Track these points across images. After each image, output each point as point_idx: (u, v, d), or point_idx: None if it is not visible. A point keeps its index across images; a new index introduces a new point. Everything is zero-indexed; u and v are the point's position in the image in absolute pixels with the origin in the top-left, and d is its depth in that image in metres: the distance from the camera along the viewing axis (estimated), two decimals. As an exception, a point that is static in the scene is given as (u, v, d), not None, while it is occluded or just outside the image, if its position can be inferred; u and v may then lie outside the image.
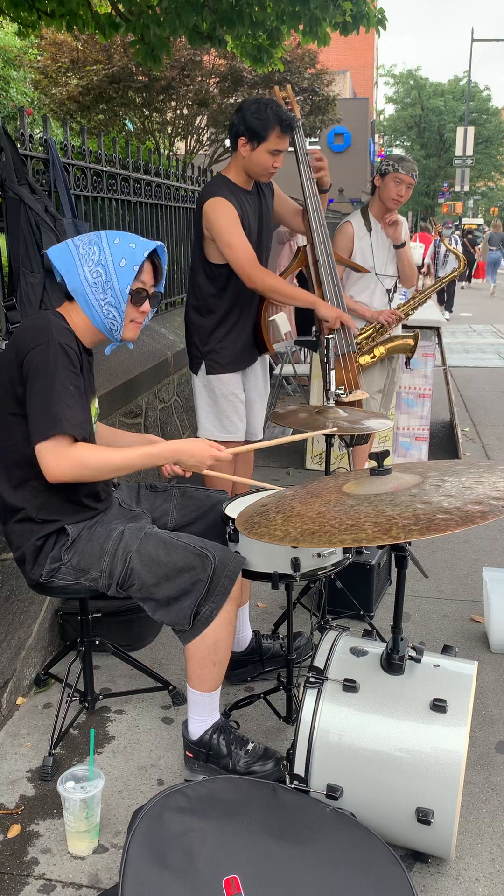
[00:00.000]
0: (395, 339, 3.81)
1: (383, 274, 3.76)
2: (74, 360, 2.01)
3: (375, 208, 3.72)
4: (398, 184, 3.57)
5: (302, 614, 3.12)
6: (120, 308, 2.07)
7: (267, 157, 2.94)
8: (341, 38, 5.21)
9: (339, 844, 1.76)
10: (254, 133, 2.89)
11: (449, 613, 3.17)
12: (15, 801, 2.16)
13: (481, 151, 39.44)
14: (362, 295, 3.78)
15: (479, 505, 1.54)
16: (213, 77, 11.61)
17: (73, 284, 2.05)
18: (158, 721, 2.50)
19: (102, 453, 2.01)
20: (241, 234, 2.93)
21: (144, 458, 2.07)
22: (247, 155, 2.95)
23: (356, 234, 3.73)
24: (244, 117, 2.89)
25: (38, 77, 11.65)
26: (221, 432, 3.20)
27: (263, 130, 2.88)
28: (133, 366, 3.98)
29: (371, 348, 3.77)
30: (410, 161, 3.58)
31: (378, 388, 3.89)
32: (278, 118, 2.88)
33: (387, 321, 3.71)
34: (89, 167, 3.77)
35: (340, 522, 1.61)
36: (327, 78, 13.40)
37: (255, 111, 2.88)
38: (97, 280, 2.04)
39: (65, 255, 2.04)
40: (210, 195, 2.94)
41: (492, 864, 1.94)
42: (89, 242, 2.05)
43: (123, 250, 2.04)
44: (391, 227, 3.66)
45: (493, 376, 8.50)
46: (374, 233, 3.72)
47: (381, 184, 3.64)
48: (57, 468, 1.96)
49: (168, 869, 1.65)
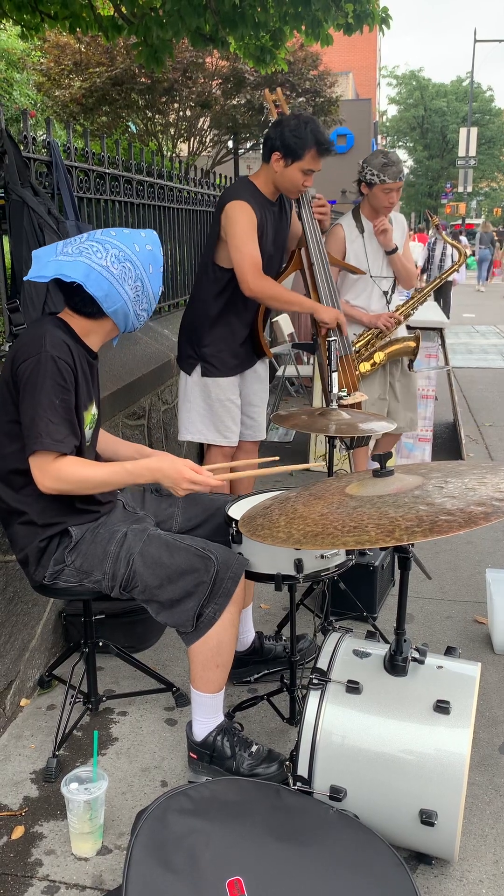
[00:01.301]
0: (396, 342, 3.71)
1: (379, 276, 3.68)
2: (66, 373, 2.01)
3: (367, 210, 3.64)
4: (388, 193, 3.49)
5: (305, 616, 3.12)
6: (150, 310, 2.14)
7: (299, 176, 2.93)
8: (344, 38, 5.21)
9: (343, 846, 1.76)
10: (289, 150, 2.88)
11: (452, 615, 3.17)
12: (19, 802, 2.16)
13: (484, 152, 39.43)
14: (359, 298, 3.71)
15: (483, 506, 1.54)
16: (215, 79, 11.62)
17: (115, 306, 2.05)
18: (162, 722, 2.50)
19: (82, 470, 2.01)
20: (254, 241, 2.92)
21: (123, 476, 2.05)
22: (279, 170, 2.94)
23: (348, 237, 3.65)
24: (282, 133, 2.87)
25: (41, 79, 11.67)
26: (217, 436, 3.19)
27: (300, 149, 2.87)
28: (136, 367, 3.98)
29: (371, 354, 3.68)
30: (394, 163, 3.45)
31: (379, 394, 3.79)
32: (316, 139, 2.86)
33: (385, 325, 3.62)
34: (92, 169, 3.78)
35: (343, 524, 1.61)
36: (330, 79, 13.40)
37: (294, 128, 2.85)
38: (137, 295, 2.08)
39: (99, 281, 2.00)
40: (234, 197, 2.94)
41: (496, 865, 1.93)
42: (118, 260, 2.02)
43: (147, 256, 2.08)
44: (380, 235, 3.58)
45: (496, 377, 8.49)
46: (367, 234, 3.64)
47: (368, 193, 3.55)
48: (41, 483, 2.01)
49: (172, 870, 1.65)
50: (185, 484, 2.04)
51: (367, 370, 3.70)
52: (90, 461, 2.08)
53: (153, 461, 2.07)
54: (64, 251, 2.05)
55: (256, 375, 3.35)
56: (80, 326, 2.12)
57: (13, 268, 2.90)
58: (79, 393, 2.08)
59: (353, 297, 3.72)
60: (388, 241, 3.62)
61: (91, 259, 2.01)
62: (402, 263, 3.68)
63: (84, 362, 2.12)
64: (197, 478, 2.03)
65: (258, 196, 2.98)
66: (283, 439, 5.82)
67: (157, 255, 2.10)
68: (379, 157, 3.49)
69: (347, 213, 3.77)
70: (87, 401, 2.15)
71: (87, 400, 2.14)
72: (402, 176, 3.49)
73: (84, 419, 2.14)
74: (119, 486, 2.08)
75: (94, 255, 2.01)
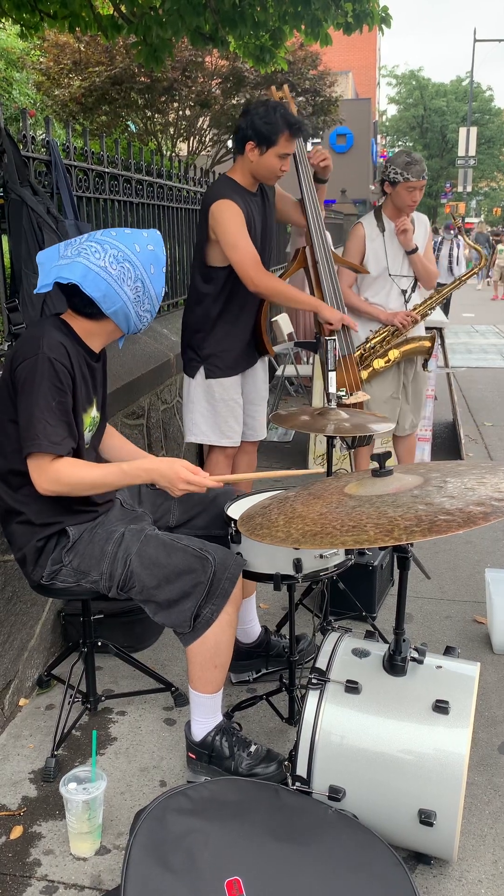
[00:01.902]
0: (411, 341, 3.72)
1: (398, 275, 3.70)
2: (63, 374, 2.00)
3: (389, 209, 3.67)
4: (411, 191, 3.53)
5: (304, 615, 3.12)
6: (154, 311, 2.12)
7: (276, 161, 2.93)
8: (343, 38, 5.21)
9: (342, 846, 1.75)
10: (262, 137, 2.88)
11: (451, 614, 3.16)
12: (17, 802, 2.16)
13: (484, 152, 39.43)
14: (377, 296, 3.72)
15: (482, 506, 1.54)
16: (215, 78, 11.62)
17: (114, 307, 2.04)
18: (161, 722, 2.50)
19: (79, 472, 2.02)
20: (247, 237, 2.92)
21: (119, 476, 2.05)
22: (255, 159, 2.94)
23: (368, 236, 3.68)
24: (252, 121, 2.87)
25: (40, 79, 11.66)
26: (220, 437, 3.19)
27: (273, 135, 2.87)
28: (135, 367, 3.98)
29: (386, 351, 3.70)
30: (417, 162, 3.51)
31: (391, 393, 3.80)
32: (287, 122, 2.86)
33: (402, 323, 3.64)
34: (91, 168, 3.77)
35: (342, 524, 1.61)
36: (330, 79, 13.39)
37: (264, 115, 2.85)
38: (138, 296, 2.06)
39: (96, 281, 1.99)
40: (217, 197, 2.93)
41: (494, 865, 1.93)
42: (117, 260, 2.00)
43: (148, 256, 2.06)
44: (401, 235, 3.61)
45: (495, 377, 8.49)
46: (387, 233, 3.66)
47: (391, 191, 3.58)
48: (39, 484, 2.01)
49: (170, 870, 1.65)
50: (182, 485, 2.03)
51: (381, 366, 3.72)
52: (87, 462, 2.07)
53: (149, 462, 2.07)
54: (64, 254, 2.04)
55: (256, 374, 3.35)
56: (81, 327, 2.12)
57: (12, 267, 2.89)
58: (77, 395, 2.07)
59: (371, 294, 3.74)
60: (408, 241, 3.64)
61: (89, 259, 1.99)
62: (423, 263, 3.69)
63: (84, 364, 2.11)
64: (193, 478, 2.03)
65: (239, 190, 2.99)
66: (282, 439, 5.81)
67: (160, 255, 2.08)
68: (403, 156, 3.54)
69: (369, 213, 3.80)
70: (87, 403, 2.15)
71: (85, 402, 2.14)
72: (424, 175, 3.53)
73: (83, 421, 2.13)
74: (115, 486, 2.08)
75: (91, 256, 2.00)
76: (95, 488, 2.05)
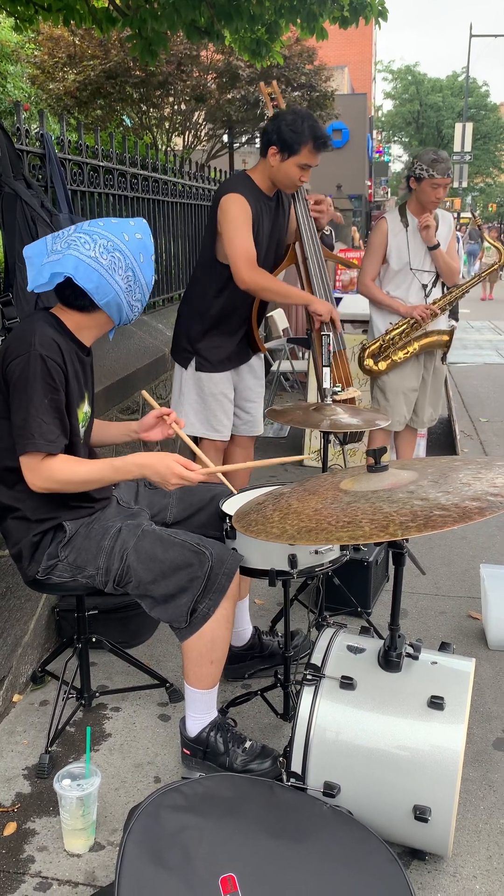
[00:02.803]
0: (430, 334, 3.77)
1: (420, 269, 3.74)
2: (55, 371, 1.99)
3: (414, 205, 3.72)
4: (435, 188, 3.58)
5: (299, 611, 3.12)
6: (144, 301, 2.11)
7: (295, 171, 2.92)
8: (340, 33, 5.18)
9: (337, 842, 1.75)
10: (286, 145, 2.87)
11: (446, 610, 3.16)
12: (11, 798, 2.16)
13: (480, 147, 39.36)
14: (398, 290, 3.77)
15: (477, 501, 1.54)
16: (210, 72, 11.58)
17: (107, 297, 2.02)
18: (155, 718, 2.49)
19: (72, 469, 2.01)
20: (248, 234, 2.91)
21: (111, 472, 2.04)
22: (275, 165, 2.93)
23: (391, 231, 3.73)
24: (279, 127, 2.86)
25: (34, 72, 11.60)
26: (209, 430, 3.19)
27: (297, 144, 2.86)
28: (129, 362, 3.96)
29: (405, 344, 3.74)
30: (443, 160, 3.55)
31: (411, 385, 3.85)
32: (313, 134, 2.86)
33: (421, 316, 3.69)
34: (86, 162, 3.76)
35: (337, 519, 1.60)
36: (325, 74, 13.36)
37: (291, 123, 2.84)
38: (129, 285, 2.04)
39: (88, 272, 1.97)
40: (230, 190, 2.92)
41: (489, 860, 1.93)
42: (107, 250, 1.99)
43: (137, 245, 2.04)
44: (423, 231, 3.66)
45: (490, 373, 8.50)
46: (410, 229, 3.72)
47: (416, 187, 3.63)
48: (32, 483, 2.01)
49: (164, 867, 1.64)
50: (174, 479, 2.01)
51: (400, 358, 3.77)
52: (79, 459, 2.06)
53: (141, 457, 2.05)
54: (53, 248, 2.03)
55: (252, 370, 3.34)
56: (72, 321, 2.11)
57: (6, 261, 2.88)
58: (69, 391, 2.06)
59: (392, 288, 3.79)
60: (430, 238, 3.68)
61: (79, 251, 1.98)
62: (445, 260, 3.74)
63: (75, 359, 2.10)
64: (186, 473, 2.01)
65: (254, 190, 2.97)
66: (277, 434, 5.81)
67: (148, 243, 2.07)
68: (429, 153, 3.60)
69: (394, 208, 3.86)
70: (79, 399, 2.14)
71: (78, 398, 2.13)
72: (450, 173, 3.58)
73: (77, 417, 2.12)
74: (108, 482, 2.07)
75: (82, 247, 1.98)
76: (88, 485, 2.05)
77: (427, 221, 3.63)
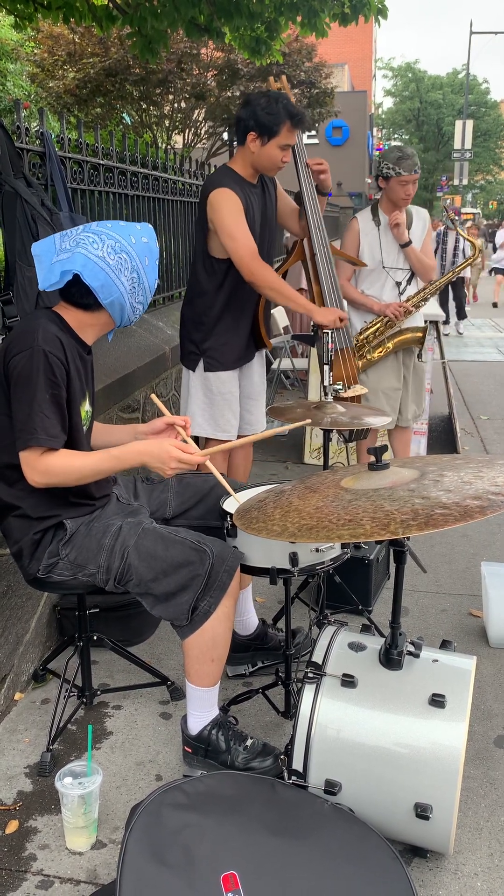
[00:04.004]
0: (404, 332, 3.77)
1: (393, 267, 3.74)
2: (57, 368, 2.00)
3: (385, 204, 3.72)
4: (404, 185, 3.57)
5: (300, 609, 3.12)
6: (146, 304, 2.13)
7: (277, 152, 2.92)
8: (340, 30, 5.18)
9: (338, 840, 1.75)
10: (264, 128, 2.86)
11: (447, 608, 3.17)
12: (13, 796, 2.16)
13: (480, 145, 39.30)
14: (372, 289, 3.77)
15: (478, 500, 1.54)
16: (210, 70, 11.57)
17: (111, 297, 2.04)
18: (157, 716, 2.50)
19: (70, 461, 2.01)
20: (245, 227, 2.91)
21: (110, 462, 2.04)
22: (256, 150, 2.92)
23: (362, 230, 3.73)
24: (254, 112, 2.86)
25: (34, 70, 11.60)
26: (216, 430, 3.18)
27: (274, 125, 2.86)
28: (130, 360, 3.96)
29: (380, 342, 3.74)
30: (409, 157, 3.54)
31: (391, 384, 3.84)
32: (289, 113, 2.86)
33: (394, 314, 3.69)
34: (86, 160, 3.75)
35: (338, 517, 1.60)
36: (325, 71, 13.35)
37: (266, 106, 2.84)
38: (133, 286, 2.06)
39: (95, 271, 1.99)
40: (215, 185, 2.92)
41: (490, 858, 1.93)
42: (115, 251, 2.01)
43: (143, 248, 2.07)
44: (394, 228, 3.66)
45: (491, 370, 8.50)
46: (382, 227, 3.72)
47: (385, 186, 3.63)
48: (31, 478, 2.01)
49: (166, 865, 1.64)
50: (173, 463, 2.02)
51: (375, 357, 3.76)
52: (77, 452, 2.07)
53: (139, 444, 2.06)
54: (62, 246, 2.04)
55: (253, 369, 3.34)
56: (75, 319, 2.11)
57: (6, 259, 2.88)
58: (71, 389, 2.06)
59: (366, 286, 3.79)
60: (401, 235, 3.68)
61: (87, 249, 1.99)
62: (418, 257, 3.73)
63: (77, 357, 2.11)
64: (184, 456, 2.02)
65: (239, 181, 2.97)
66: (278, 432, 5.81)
67: (153, 247, 2.09)
68: (395, 151, 3.59)
69: (366, 208, 3.85)
70: (81, 397, 2.14)
71: (80, 395, 2.13)
72: (417, 169, 3.58)
73: (80, 415, 2.12)
74: (109, 472, 2.07)
75: (90, 246, 2.00)
76: (88, 477, 2.05)
77: (396, 219, 3.63)
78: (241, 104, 2.96)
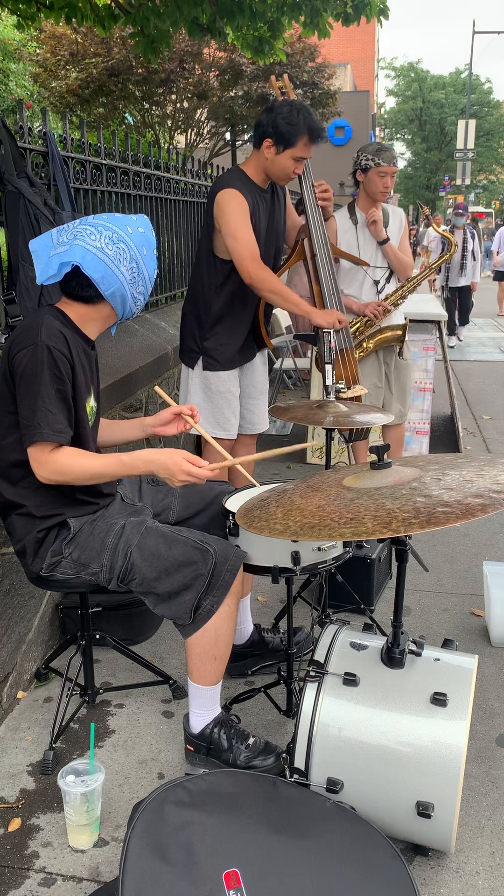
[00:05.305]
0: (384, 330, 3.77)
1: (371, 265, 3.73)
2: (62, 363, 2.00)
3: (363, 200, 3.71)
4: (382, 176, 3.57)
5: (302, 608, 3.12)
6: (147, 294, 2.13)
7: (290, 163, 2.92)
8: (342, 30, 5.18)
9: (340, 838, 1.76)
10: (282, 137, 2.87)
11: (449, 607, 3.17)
12: (16, 794, 2.16)
13: (482, 144, 39.26)
14: (350, 287, 3.76)
15: (480, 498, 1.54)
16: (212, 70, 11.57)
17: (112, 288, 2.04)
18: (159, 715, 2.50)
19: (80, 461, 2.01)
20: (249, 229, 2.91)
21: (119, 467, 2.04)
22: (270, 157, 2.93)
23: (340, 229, 3.71)
24: (274, 120, 2.86)
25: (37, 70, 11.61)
26: (216, 430, 3.18)
27: (292, 136, 2.86)
28: (132, 360, 3.97)
29: (360, 342, 3.74)
30: (387, 149, 3.55)
31: (374, 382, 3.83)
32: (309, 127, 2.86)
33: (373, 313, 3.68)
34: (89, 160, 3.76)
35: (340, 516, 1.60)
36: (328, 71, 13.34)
37: (287, 115, 2.84)
38: (133, 276, 2.06)
39: (95, 262, 1.99)
40: (224, 185, 2.92)
41: (492, 857, 1.94)
42: (112, 241, 2.01)
43: (140, 238, 2.07)
44: (370, 226, 3.65)
45: (493, 370, 8.49)
46: (360, 225, 3.71)
47: (364, 179, 3.62)
48: (39, 474, 2.01)
49: (168, 862, 1.65)
50: (182, 476, 2.01)
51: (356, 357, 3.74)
52: (87, 452, 2.07)
53: (149, 453, 2.05)
54: (59, 240, 2.04)
55: (255, 368, 3.34)
56: (77, 314, 2.11)
57: (9, 259, 2.88)
58: (77, 383, 2.06)
59: (345, 285, 3.78)
60: (378, 232, 3.68)
61: (85, 241, 2.00)
62: (395, 254, 3.73)
63: (81, 352, 2.11)
64: (194, 470, 2.00)
65: (249, 184, 2.97)
66: (280, 432, 5.81)
67: (150, 237, 2.09)
68: (373, 144, 3.61)
69: (342, 207, 3.82)
70: (86, 392, 2.14)
71: (85, 391, 2.13)
72: (395, 161, 3.58)
73: (86, 410, 2.13)
74: (116, 476, 2.07)
75: (88, 238, 2.00)
76: (95, 478, 2.05)
77: (373, 216, 3.62)
78: (264, 109, 2.96)
